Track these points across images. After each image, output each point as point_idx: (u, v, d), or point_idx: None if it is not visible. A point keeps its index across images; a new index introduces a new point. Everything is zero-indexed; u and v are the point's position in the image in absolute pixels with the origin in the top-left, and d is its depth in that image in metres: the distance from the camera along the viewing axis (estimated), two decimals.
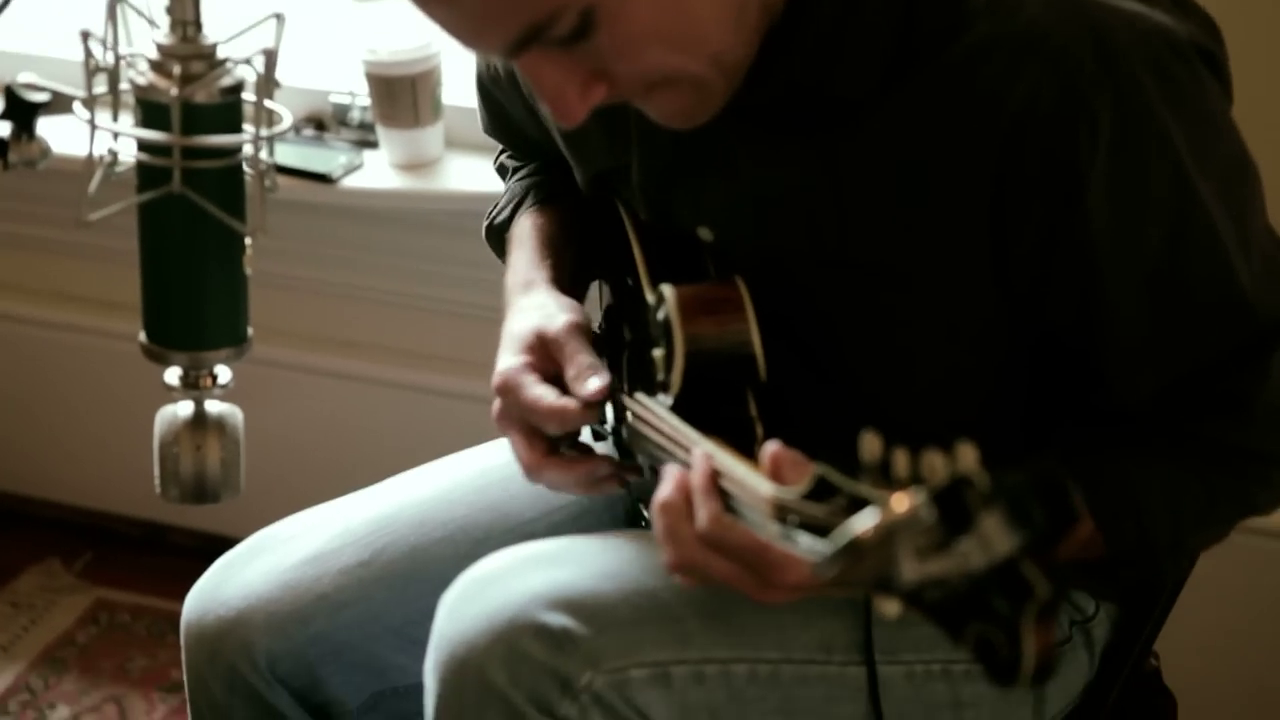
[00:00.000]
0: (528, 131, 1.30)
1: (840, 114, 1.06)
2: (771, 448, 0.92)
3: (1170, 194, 1.03)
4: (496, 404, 1.18)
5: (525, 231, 1.30)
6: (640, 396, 1.16)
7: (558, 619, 1.08)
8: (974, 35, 1.01)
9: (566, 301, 1.21)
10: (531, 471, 1.17)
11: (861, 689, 1.13)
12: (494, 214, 1.36)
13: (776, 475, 0.91)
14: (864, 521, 0.74)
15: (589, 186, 1.24)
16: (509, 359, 1.17)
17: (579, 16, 0.97)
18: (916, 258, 1.06)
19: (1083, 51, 1.00)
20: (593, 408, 1.14)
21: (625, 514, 1.29)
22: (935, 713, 1.16)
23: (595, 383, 1.13)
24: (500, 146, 1.39)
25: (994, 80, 1.01)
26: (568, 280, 1.26)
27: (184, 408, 1.11)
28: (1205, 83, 1.05)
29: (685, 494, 0.97)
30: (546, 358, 1.17)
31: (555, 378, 1.16)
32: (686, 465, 1.06)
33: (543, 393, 1.14)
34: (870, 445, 0.79)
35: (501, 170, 1.40)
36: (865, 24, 1.03)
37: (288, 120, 1.07)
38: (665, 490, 0.98)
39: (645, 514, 1.25)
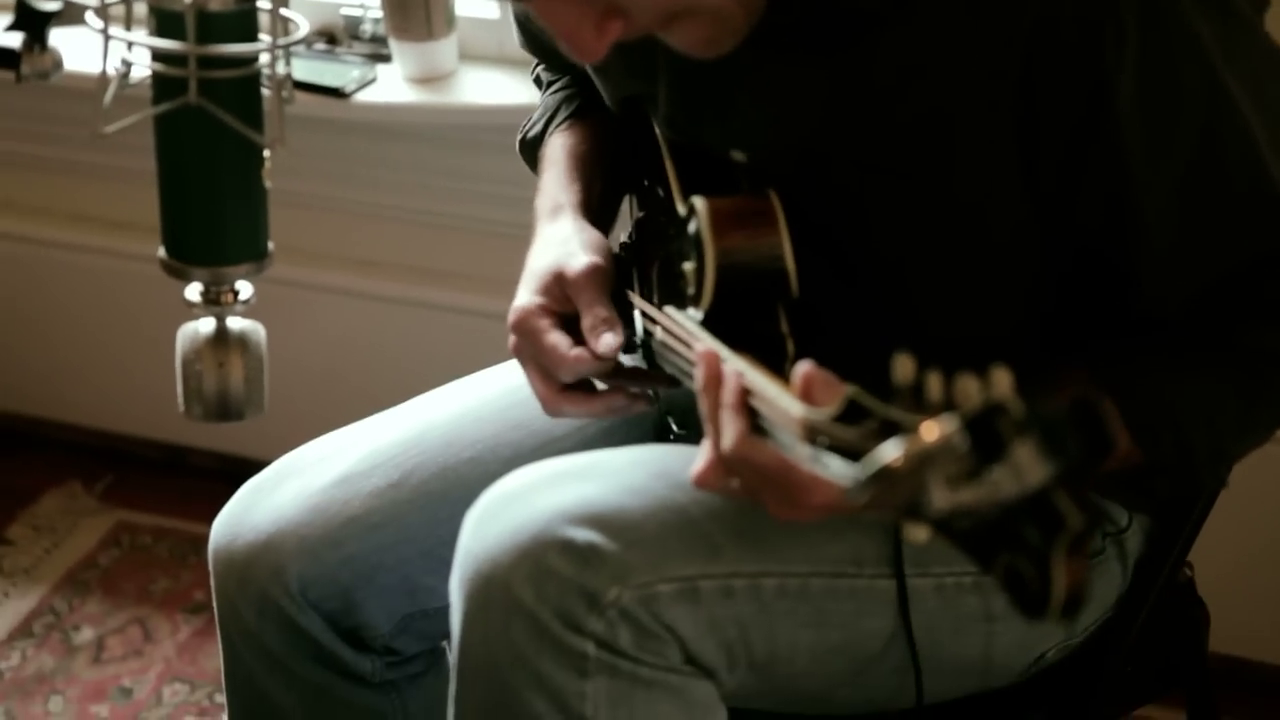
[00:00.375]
0: (560, 51, 1.28)
1: (864, 28, 1.04)
2: (803, 367, 0.91)
3: (1200, 95, 1.02)
4: (512, 339, 1.18)
5: (556, 151, 1.29)
6: (670, 310, 1.15)
7: (584, 534, 1.07)
8: None
9: (589, 237, 1.20)
10: (548, 405, 1.18)
11: (891, 601, 1.13)
12: (528, 127, 1.35)
13: (808, 396, 0.90)
14: (895, 448, 0.73)
15: (618, 108, 1.24)
16: (525, 296, 1.17)
17: None
18: (947, 164, 1.05)
19: None
20: (606, 361, 1.14)
21: (653, 427, 1.28)
22: (966, 625, 1.15)
23: (610, 339, 1.13)
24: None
25: None
26: (596, 203, 1.25)
27: (206, 324, 1.09)
28: None
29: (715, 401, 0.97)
30: (563, 299, 1.17)
31: (571, 320, 1.16)
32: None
33: (557, 340, 1.15)
34: (903, 367, 0.78)
35: (537, 82, 1.39)
36: None
37: (304, 28, 1.05)
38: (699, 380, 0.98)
39: (674, 427, 1.25)
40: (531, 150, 1.34)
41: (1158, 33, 1.00)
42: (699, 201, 1.11)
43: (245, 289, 1.09)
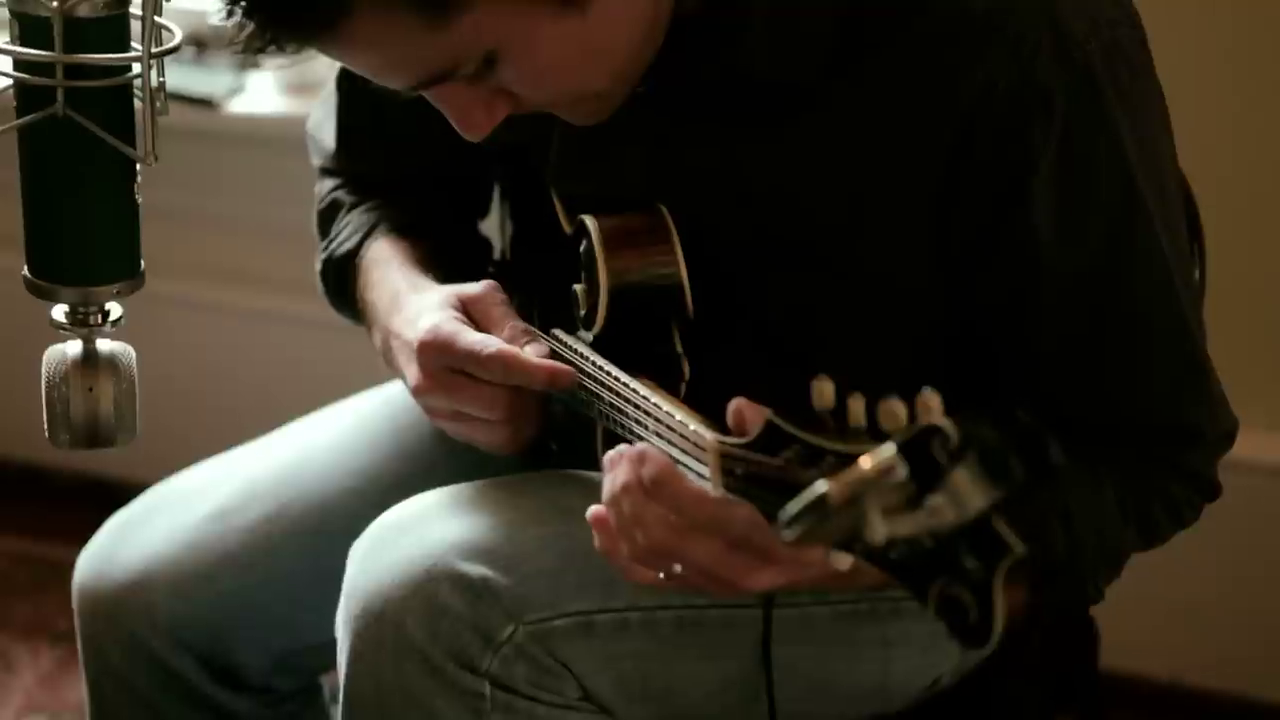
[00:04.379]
0: (408, 124, 1.15)
1: (775, 108, 1.03)
2: (736, 401, 0.88)
3: (1116, 193, 1.03)
4: (416, 376, 1.08)
5: (386, 252, 1.20)
6: (558, 333, 1.12)
7: (477, 568, 1.04)
8: (931, 19, 1.01)
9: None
10: (512, 422, 1.08)
11: (789, 631, 1.10)
12: (333, 245, 1.24)
13: (740, 425, 0.86)
14: (831, 479, 0.69)
15: (493, 154, 1.18)
16: (435, 316, 1.09)
17: (482, 59, 0.97)
18: (853, 238, 1.05)
19: (1041, 37, 0.99)
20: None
21: (531, 448, 1.24)
22: (863, 651, 1.14)
23: (539, 347, 1.08)
24: (330, 184, 1.29)
25: (952, 64, 1.00)
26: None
27: (73, 346, 1.05)
28: (1154, 77, 1.05)
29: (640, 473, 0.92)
30: (469, 320, 1.11)
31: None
32: (607, 406, 1.03)
33: (483, 338, 1.07)
34: (822, 391, 0.76)
35: (333, 209, 1.27)
36: (807, 7, 1.02)
37: (178, 37, 1.01)
38: (622, 474, 0.92)
39: (553, 447, 1.21)
40: (339, 271, 1.23)
41: (1083, 124, 1.00)
42: (589, 219, 1.09)
43: (115, 309, 1.05)
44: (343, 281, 1.23)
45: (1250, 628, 1.88)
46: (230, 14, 0.95)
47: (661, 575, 0.95)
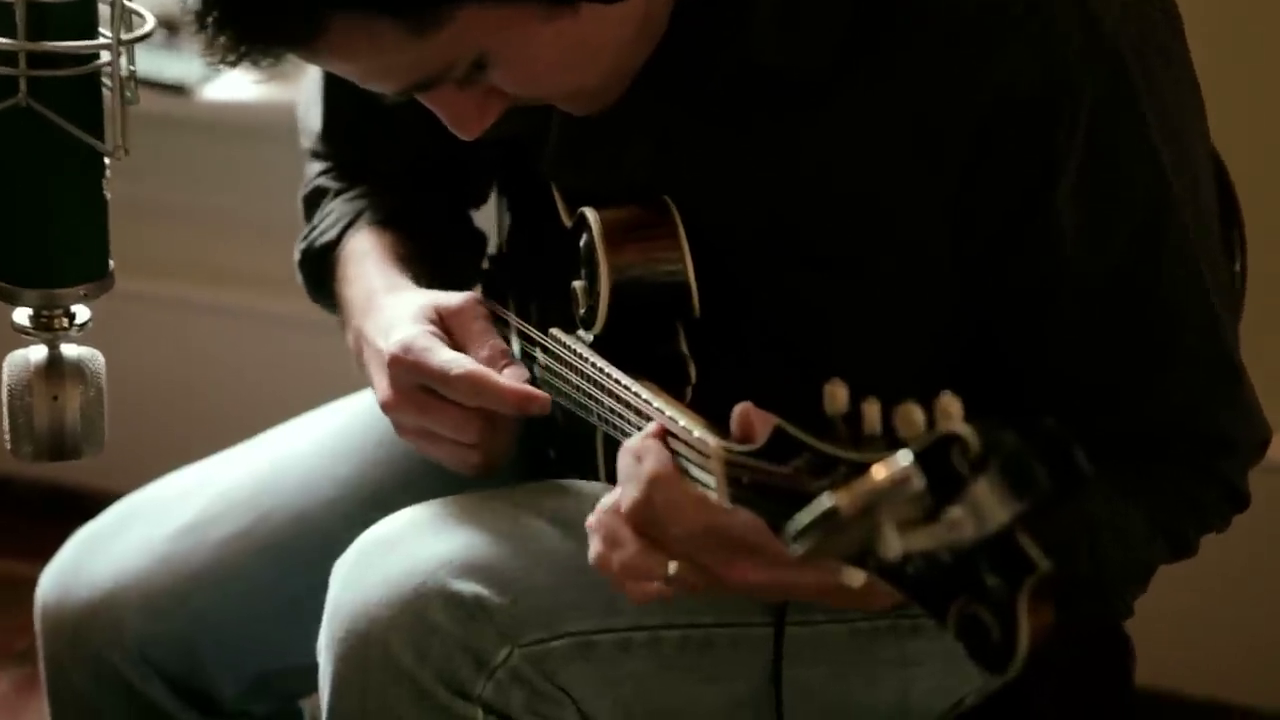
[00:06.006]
0: (398, 111, 1.16)
1: (798, 93, 1.04)
2: (741, 406, 0.89)
3: (1145, 191, 1.03)
4: (386, 390, 1.09)
5: (365, 245, 1.21)
6: (556, 333, 1.12)
7: (469, 586, 1.04)
8: (951, 7, 1.00)
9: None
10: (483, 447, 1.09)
11: (802, 650, 1.11)
12: (314, 235, 1.25)
13: (746, 432, 0.86)
14: (841, 490, 0.70)
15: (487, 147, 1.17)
16: (409, 329, 1.10)
17: (472, 62, 0.98)
18: (870, 235, 1.06)
19: (1070, 28, 0.99)
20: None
21: (526, 457, 1.24)
22: (882, 671, 1.14)
23: (518, 371, 1.09)
24: (317, 168, 1.29)
25: (975, 57, 1.00)
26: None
27: (36, 352, 1.05)
28: (1189, 62, 1.05)
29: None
30: (446, 335, 1.11)
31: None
32: (607, 411, 1.04)
33: (454, 357, 1.08)
34: (835, 396, 0.76)
35: (317, 195, 1.28)
36: (814, 2, 1.02)
37: (150, 22, 1.01)
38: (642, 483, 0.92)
39: (551, 454, 1.22)
40: (318, 262, 1.24)
41: (1112, 121, 1.00)
42: (590, 212, 1.09)
43: (82, 312, 1.05)
44: (321, 274, 1.24)
45: None
46: (201, 29, 0.95)
47: (656, 585, 0.94)
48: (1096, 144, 1.01)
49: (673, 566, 0.93)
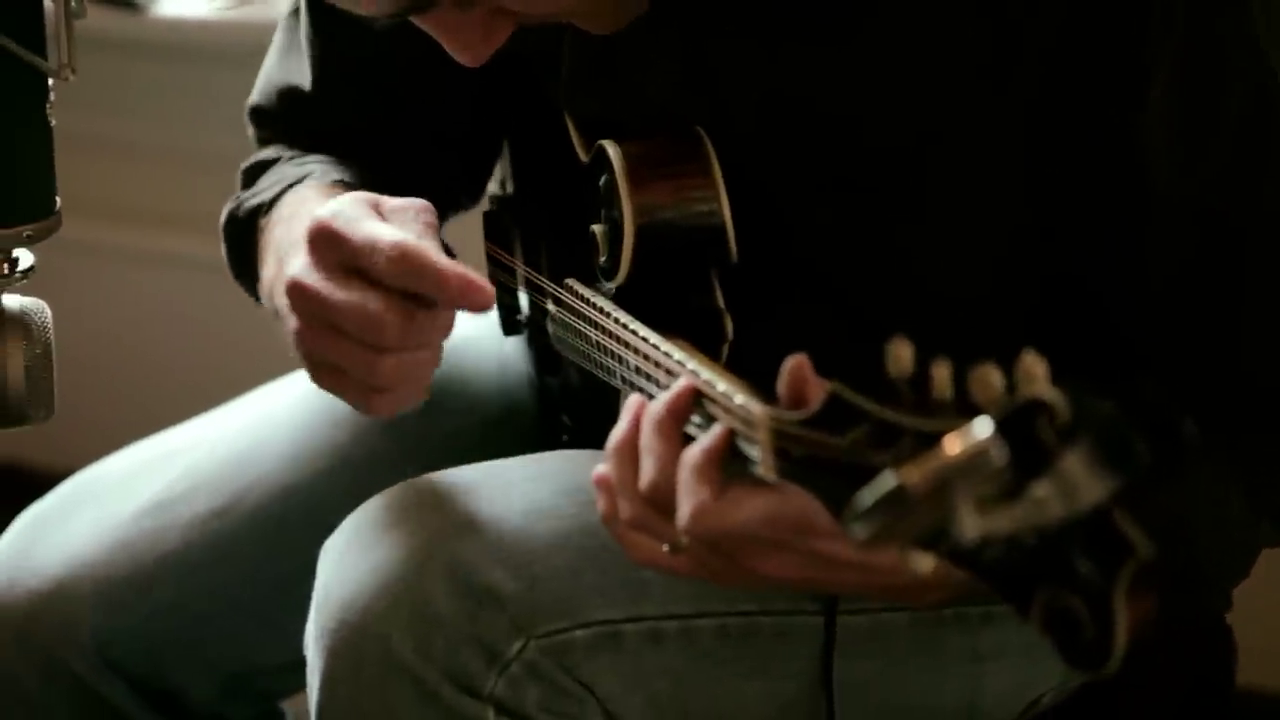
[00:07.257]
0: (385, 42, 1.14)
1: (845, 4, 1.04)
2: (792, 360, 0.88)
3: (1248, 87, 1.02)
4: (294, 324, 1.05)
5: (308, 193, 1.15)
6: (573, 284, 1.13)
7: (477, 569, 1.05)
8: None
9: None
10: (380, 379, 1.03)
11: (857, 640, 1.12)
12: (244, 196, 1.21)
13: (797, 396, 0.86)
14: (910, 465, 0.70)
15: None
16: (337, 203, 1.03)
17: None
18: (932, 165, 1.06)
19: None
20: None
21: (540, 425, 1.27)
22: (949, 665, 1.15)
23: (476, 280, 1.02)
24: (263, 136, 1.28)
25: None
26: None
27: None
28: None
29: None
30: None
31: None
32: (632, 373, 1.05)
33: (387, 228, 1.01)
34: (899, 355, 0.76)
35: (253, 171, 1.25)
36: None
37: None
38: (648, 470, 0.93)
39: (566, 421, 1.24)
40: (247, 228, 1.19)
41: (1208, 17, 1.00)
42: (610, 146, 1.09)
43: (26, 257, 1.06)
44: (246, 245, 1.20)
45: None
46: None
47: (665, 548, 0.94)
48: (1192, 33, 1.00)
49: (685, 539, 0.94)
